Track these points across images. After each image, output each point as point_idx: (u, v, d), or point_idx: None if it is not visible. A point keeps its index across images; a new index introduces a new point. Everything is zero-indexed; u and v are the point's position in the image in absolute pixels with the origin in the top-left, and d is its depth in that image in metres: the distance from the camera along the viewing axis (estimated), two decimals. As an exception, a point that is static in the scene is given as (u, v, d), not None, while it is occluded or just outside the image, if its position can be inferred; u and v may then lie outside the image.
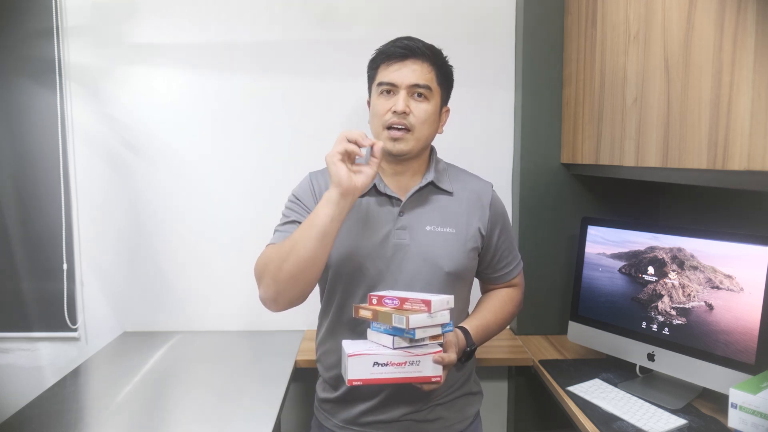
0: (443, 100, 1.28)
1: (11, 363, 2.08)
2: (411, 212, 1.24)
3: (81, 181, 2.03)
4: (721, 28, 1.08)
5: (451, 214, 1.26)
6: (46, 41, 1.96)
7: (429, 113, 1.21)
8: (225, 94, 2.02)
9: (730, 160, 1.06)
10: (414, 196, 1.25)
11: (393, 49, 1.21)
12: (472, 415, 1.34)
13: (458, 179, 1.34)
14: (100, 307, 2.08)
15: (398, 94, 1.19)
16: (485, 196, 1.33)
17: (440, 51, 1.28)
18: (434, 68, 1.23)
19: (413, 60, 1.20)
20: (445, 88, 1.28)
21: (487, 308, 1.36)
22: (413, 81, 1.19)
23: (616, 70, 1.54)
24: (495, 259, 1.35)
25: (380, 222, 1.23)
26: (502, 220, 1.36)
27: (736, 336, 1.30)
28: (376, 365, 1.03)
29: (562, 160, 1.96)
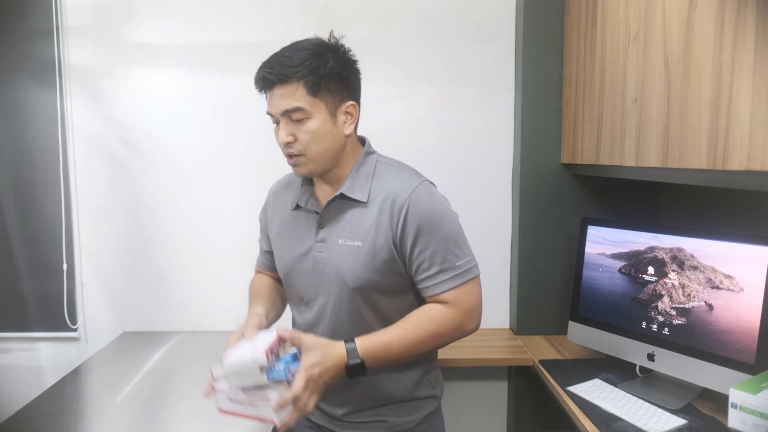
0: (333, 103, 1.14)
1: (11, 363, 2.08)
2: (329, 225, 1.20)
3: (81, 181, 2.03)
4: (721, 28, 1.08)
5: (360, 226, 1.17)
6: (46, 41, 1.96)
7: (313, 131, 1.12)
8: (225, 94, 2.02)
9: (730, 160, 1.06)
10: (330, 208, 1.20)
11: (256, 81, 1.16)
12: (419, 418, 1.27)
13: (381, 183, 1.19)
14: (100, 307, 2.08)
15: (280, 123, 1.15)
16: (400, 199, 1.15)
17: (310, 54, 1.11)
18: (302, 82, 1.10)
19: (278, 86, 1.12)
20: (328, 93, 1.13)
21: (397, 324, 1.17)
22: (282, 109, 1.12)
23: (616, 70, 1.54)
24: (412, 269, 1.17)
25: (305, 234, 1.23)
26: (420, 225, 1.14)
27: (736, 336, 1.30)
28: (230, 400, 1.11)
29: (562, 160, 1.96)
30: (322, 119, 1.13)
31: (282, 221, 1.29)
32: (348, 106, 1.17)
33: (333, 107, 1.14)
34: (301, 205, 1.24)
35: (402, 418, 1.25)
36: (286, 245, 1.26)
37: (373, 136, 1.53)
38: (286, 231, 1.27)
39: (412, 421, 1.26)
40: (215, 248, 2.07)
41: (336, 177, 1.21)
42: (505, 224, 2.08)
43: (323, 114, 1.13)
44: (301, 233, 1.23)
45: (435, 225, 1.15)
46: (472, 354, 1.85)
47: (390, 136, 2.04)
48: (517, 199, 2.01)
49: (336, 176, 1.21)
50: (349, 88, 1.17)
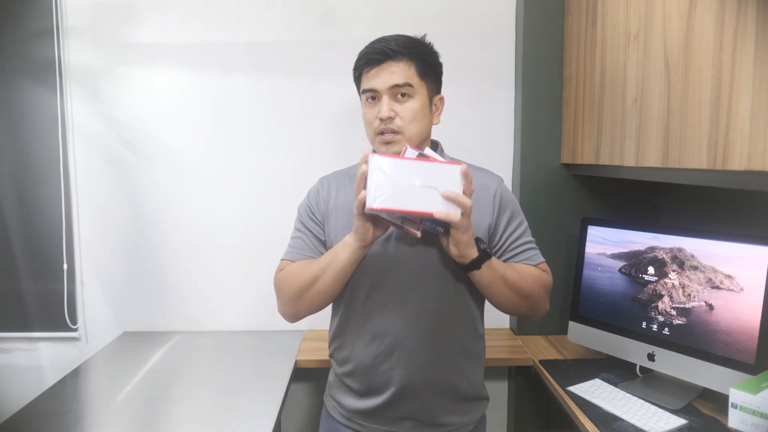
0: (432, 90, 1.25)
1: (11, 363, 2.08)
2: None
3: (81, 181, 2.03)
4: (721, 28, 1.08)
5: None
6: (46, 41, 1.96)
7: (415, 111, 1.19)
8: (225, 94, 2.02)
9: (730, 160, 1.06)
10: None
11: (369, 55, 1.20)
12: (476, 420, 1.33)
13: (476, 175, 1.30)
14: (100, 307, 2.08)
15: (381, 99, 1.19)
16: (490, 190, 1.28)
17: (419, 42, 1.23)
18: (413, 63, 1.20)
19: (390, 61, 1.18)
20: (431, 79, 1.24)
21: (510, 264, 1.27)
22: (392, 83, 1.18)
23: (616, 70, 1.54)
24: (510, 246, 1.28)
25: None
26: (511, 210, 1.28)
27: (736, 336, 1.30)
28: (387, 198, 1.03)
29: (562, 160, 1.96)
30: (423, 102, 1.21)
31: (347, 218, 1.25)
32: (438, 99, 1.28)
33: (431, 94, 1.24)
34: None
35: (462, 418, 1.28)
36: None
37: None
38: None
39: (471, 422, 1.30)
40: (215, 248, 2.07)
41: None
42: (505, 224, 2.08)
43: (424, 97, 1.22)
44: None
45: (519, 211, 1.32)
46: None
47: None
48: (517, 199, 2.01)
49: None
50: (439, 82, 1.28)
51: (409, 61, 1.19)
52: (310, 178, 2.06)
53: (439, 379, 1.25)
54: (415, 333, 1.22)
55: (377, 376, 1.24)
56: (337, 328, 1.32)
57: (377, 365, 1.24)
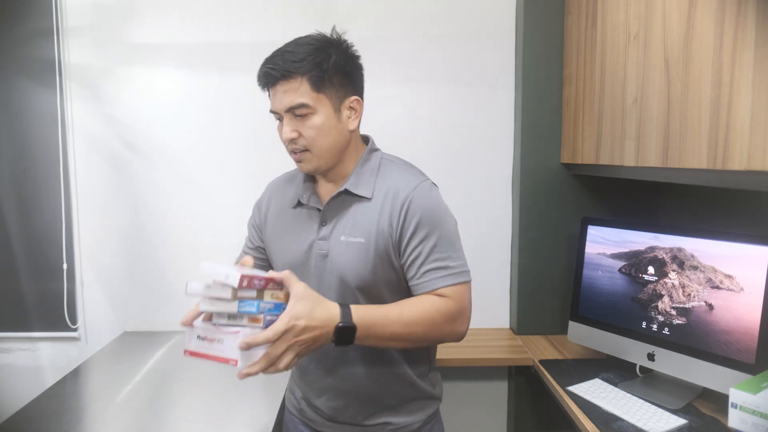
0: (337, 98, 1.13)
1: (11, 363, 2.08)
2: (331, 222, 1.18)
3: (81, 181, 2.03)
4: (721, 28, 1.08)
5: (363, 222, 1.15)
6: (46, 41, 1.96)
7: (317, 127, 1.11)
8: (225, 94, 2.02)
9: (730, 160, 1.06)
10: (332, 205, 1.18)
11: (259, 78, 1.15)
12: (422, 419, 1.26)
13: (385, 180, 1.18)
14: (100, 307, 2.08)
15: (283, 120, 1.14)
16: (402, 193, 1.14)
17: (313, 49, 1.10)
18: (305, 78, 1.09)
19: (280, 83, 1.11)
20: (332, 88, 1.12)
21: (396, 303, 1.14)
22: (286, 105, 1.11)
23: (616, 70, 1.54)
24: (408, 262, 1.14)
25: (306, 232, 1.21)
26: (420, 222, 1.13)
27: (736, 336, 1.30)
28: (198, 338, 0.98)
29: (562, 160, 1.96)
30: (327, 114, 1.12)
31: (281, 218, 1.27)
32: (352, 101, 1.16)
33: (337, 102, 1.14)
34: (303, 201, 1.22)
35: (405, 418, 1.24)
36: (286, 242, 1.24)
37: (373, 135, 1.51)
38: (285, 228, 1.26)
39: (415, 422, 1.25)
40: (215, 248, 2.06)
41: (339, 174, 1.20)
42: (505, 224, 2.08)
43: (327, 109, 1.13)
44: (302, 230, 1.22)
45: (435, 222, 1.14)
46: (472, 354, 1.85)
47: (390, 136, 2.03)
48: (517, 199, 2.01)
49: (339, 173, 1.20)
50: (352, 83, 1.17)
51: (300, 77, 1.09)
52: (310, 178, 2.05)
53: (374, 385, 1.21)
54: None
55: (312, 381, 1.25)
56: None
57: (311, 370, 1.24)
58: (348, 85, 1.15)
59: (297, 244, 1.22)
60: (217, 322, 0.97)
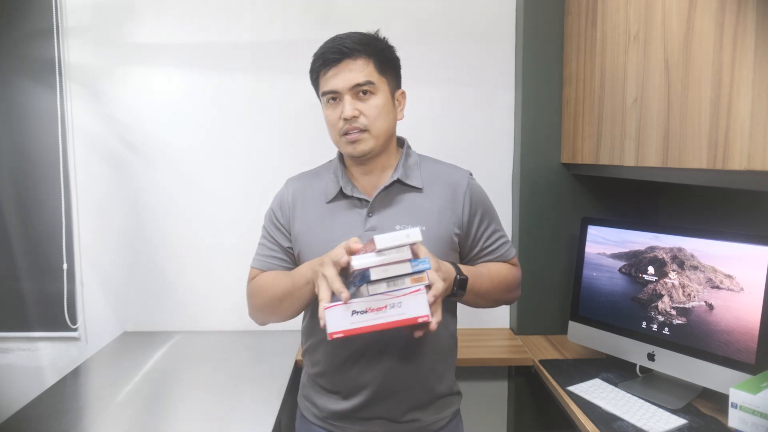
0: (393, 86, 1.21)
1: (11, 363, 2.08)
2: (380, 212, 1.20)
3: (81, 181, 2.03)
4: (721, 28, 1.08)
5: (421, 211, 1.21)
6: (46, 41, 1.96)
7: (380, 107, 1.16)
8: (225, 94, 2.02)
9: (730, 160, 1.06)
10: (381, 196, 1.21)
11: (325, 55, 1.17)
12: (449, 415, 1.29)
13: (431, 173, 1.27)
14: (100, 307, 2.08)
15: (343, 99, 1.15)
16: (459, 187, 1.24)
17: (375, 38, 1.20)
18: (372, 59, 1.17)
19: (347, 60, 1.15)
20: (390, 74, 1.21)
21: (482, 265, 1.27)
22: (353, 82, 1.14)
23: (616, 70, 1.54)
24: (477, 248, 1.27)
25: (350, 224, 1.20)
26: (482, 208, 1.26)
27: (736, 336, 1.30)
28: (355, 314, 0.96)
29: (562, 160, 1.96)
30: (386, 98, 1.18)
31: (313, 214, 1.23)
32: (400, 93, 1.24)
33: (392, 89, 1.21)
34: (347, 193, 1.22)
35: (434, 415, 1.26)
36: (324, 237, 1.19)
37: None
38: (322, 223, 1.22)
39: (443, 419, 1.27)
40: (215, 248, 2.07)
41: (382, 164, 1.24)
42: (505, 224, 2.08)
43: (387, 94, 1.19)
44: (345, 224, 1.20)
45: (488, 207, 1.29)
46: (472, 354, 1.85)
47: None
48: (517, 199, 2.01)
49: (383, 164, 1.24)
50: (399, 77, 1.25)
51: (367, 58, 1.16)
52: (310, 178, 2.04)
53: (410, 380, 1.22)
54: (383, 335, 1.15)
55: (348, 379, 1.22)
56: (307, 328, 1.30)
57: (347, 368, 1.21)
58: (398, 78, 1.24)
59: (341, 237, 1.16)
60: (373, 291, 0.97)
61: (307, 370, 1.34)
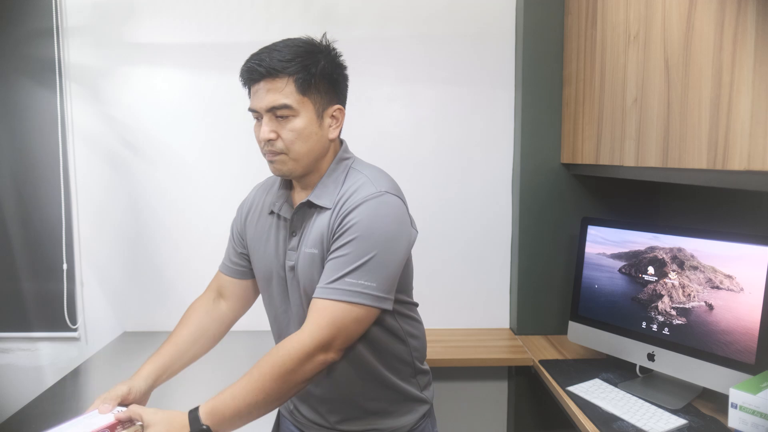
0: (321, 104, 1.10)
1: (11, 363, 2.08)
2: (299, 232, 1.15)
3: (81, 181, 2.03)
4: (721, 28, 1.08)
5: (317, 233, 1.11)
6: (46, 41, 1.96)
7: (298, 130, 1.07)
8: (225, 94, 2.02)
9: (730, 160, 1.06)
10: (298, 215, 1.15)
11: (243, 72, 1.11)
12: (412, 422, 1.24)
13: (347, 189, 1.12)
14: (100, 307, 2.08)
15: (262, 119, 1.10)
16: (346, 204, 1.08)
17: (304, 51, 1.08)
18: (293, 80, 1.06)
19: (266, 80, 1.07)
20: (319, 92, 1.09)
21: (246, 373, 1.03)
22: (268, 104, 1.07)
23: (616, 70, 1.54)
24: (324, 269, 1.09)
25: (281, 241, 1.18)
26: (350, 230, 1.05)
27: (736, 336, 1.30)
28: None
29: (562, 160, 1.96)
30: (309, 119, 1.09)
31: (260, 224, 1.23)
32: (335, 110, 1.13)
33: (320, 108, 1.10)
34: (274, 210, 1.19)
35: (393, 422, 1.22)
36: (264, 251, 1.20)
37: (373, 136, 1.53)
38: (263, 235, 1.21)
39: (404, 426, 1.22)
40: (215, 248, 2.06)
41: (312, 182, 1.16)
42: (505, 224, 2.08)
43: (310, 114, 1.09)
44: (277, 239, 1.19)
45: (365, 234, 1.04)
46: (472, 354, 1.85)
47: (390, 136, 2.04)
48: (517, 199, 2.01)
49: (313, 181, 1.16)
50: (337, 91, 1.14)
51: (287, 77, 1.06)
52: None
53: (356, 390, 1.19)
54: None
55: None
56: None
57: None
58: (333, 93, 1.12)
59: (273, 254, 1.18)
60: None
61: None
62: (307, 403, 1.24)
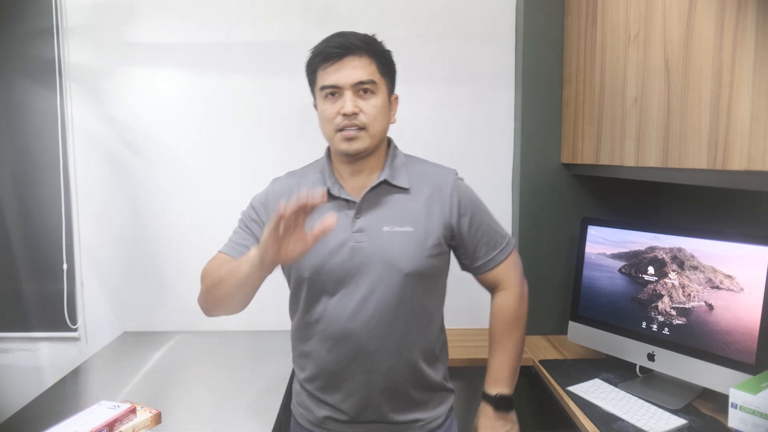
0: (390, 88, 1.22)
1: (11, 363, 2.08)
2: (367, 213, 1.19)
3: (81, 181, 2.03)
4: (721, 28, 1.08)
5: (408, 212, 1.20)
6: (46, 41, 1.96)
7: (379, 107, 1.16)
8: (225, 94, 2.02)
9: (730, 160, 1.06)
10: (368, 197, 1.20)
11: (328, 50, 1.15)
12: (444, 413, 1.32)
13: (417, 173, 1.25)
14: (100, 307, 2.08)
15: (343, 95, 1.14)
16: (446, 188, 1.23)
17: (375, 40, 1.20)
18: (374, 60, 1.16)
19: (351, 56, 1.14)
20: (388, 77, 1.21)
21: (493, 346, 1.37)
22: (356, 79, 1.13)
23: (616, 70, 1.54)
24: (472, 248, 1.27)
25: (338, 226, 1.16)
26: (471, 206, 1.25)
27: (736, 336, 1.30)
28: None
29: (562, 160, 1.96)
30: (385, 99, 1.19)
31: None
32: (394, 98, 1.26)
33: (389, 92, 1.22)
34: (335, 194, 1.20)
35: (432, 412, 1.28)
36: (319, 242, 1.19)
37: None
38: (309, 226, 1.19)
39: (440, 416, 1.30)
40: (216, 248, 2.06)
41: (371, 166, 1.23)
42: (505, 224, 2.07)
43: (384, 95, 1.19)
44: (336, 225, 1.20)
45: (478, 205, 1.28)
46: (472, 354, 1.85)
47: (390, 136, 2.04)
48: (517, 199, 2.01)
49: (372, 165, 1.23)
50: (395, 81, 1.26)
51: (370, 57, 1.16)
52: (310, 178, 2.03)
53: (403, 381, 1.23)
54: (376, 336, 1.19)
55: (341, 381, 1.22)
56: (296, 333, 1.29)
57: (341, 371, 1.21)
58: (394, 82, 1.25)
59: (329, 239, 1.17)
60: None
61: (297, 376, 1.33)
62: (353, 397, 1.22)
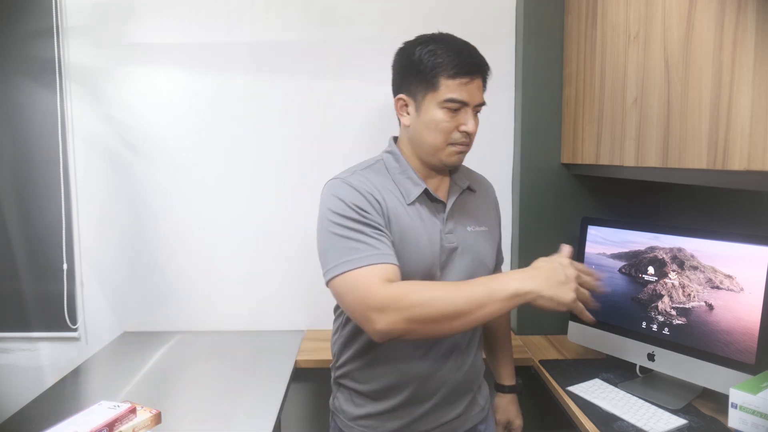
0: None
1: (11, 363, 2.08)
2: (454, 216, 1.25)
3: (81, 181, 2.03)
4: (721, 28, 1.08)
5: (480, 213, 1.31)
6: (46, 41, 1.96)
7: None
8: (225, 94, 2.02)
9: (730, 160, 1.06)
10: (457, 198, 1.27)
11: (464, 64, 1.13)
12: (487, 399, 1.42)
13: (474, 176, 1.39)
14: (100, 307, 2.08)
15: (466, 112, 1.16)
16: (491, 191, 1.42)
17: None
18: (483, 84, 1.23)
19: (479, 77, 1.18)
20: None
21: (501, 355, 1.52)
22: (480, 100, 1.19)
23: (616, 70, 1.54)
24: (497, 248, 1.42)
25: (434, 227, 1.20)
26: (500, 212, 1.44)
27: (736, 336, 1.30)
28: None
29: (562, 160, 1.96)
30: None
31: (401, 215, 1.17)
32: None
33: None
34: (435, 196, 1.22)
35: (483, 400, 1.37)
36: (414, 240, 1.16)
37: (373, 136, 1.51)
38: (411, 225, 1.17)
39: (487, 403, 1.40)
40: (215, 248, 2.07)
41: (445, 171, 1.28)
42: (505, 224, 2.08)
43: None
44: (430, 227, 1.20)
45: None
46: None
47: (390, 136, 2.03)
48: (517, 199, 2.01)
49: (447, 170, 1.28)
50: None
51: (483, 80, 1.21)
52: (310, 178, 2.06)
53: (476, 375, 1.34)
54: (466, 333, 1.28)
55: (430, 384, 1.23)
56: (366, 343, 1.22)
57: (433, 372, 1.23)
58: None
59: (428, 241, 1.18)
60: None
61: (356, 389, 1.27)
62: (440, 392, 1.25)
